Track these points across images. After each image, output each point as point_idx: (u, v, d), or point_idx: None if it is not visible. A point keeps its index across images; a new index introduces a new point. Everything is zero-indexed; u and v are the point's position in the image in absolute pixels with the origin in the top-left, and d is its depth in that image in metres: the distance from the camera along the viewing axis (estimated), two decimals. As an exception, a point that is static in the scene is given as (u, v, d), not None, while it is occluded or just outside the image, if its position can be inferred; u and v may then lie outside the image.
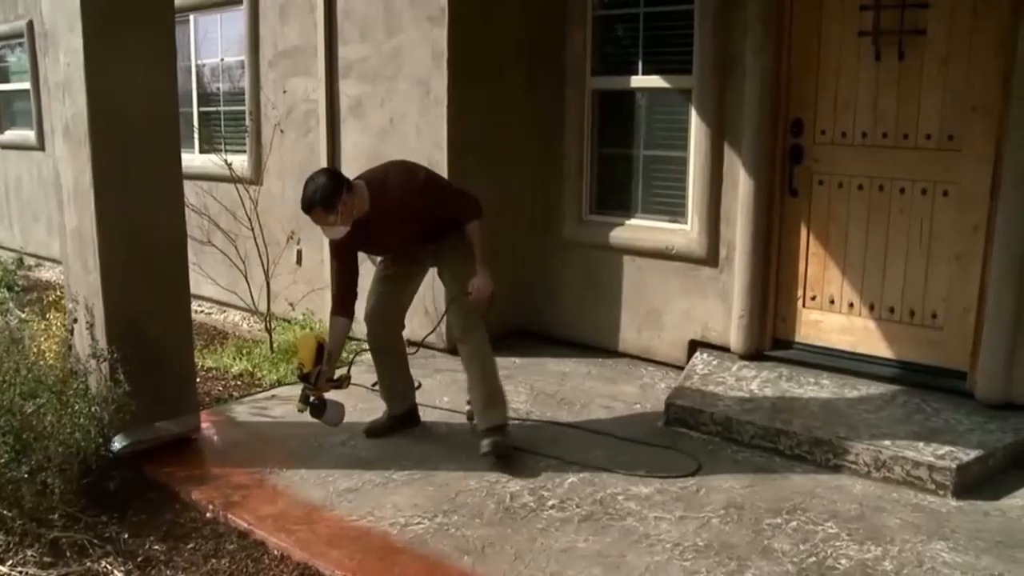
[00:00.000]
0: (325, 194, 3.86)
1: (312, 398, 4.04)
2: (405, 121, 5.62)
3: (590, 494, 3.73)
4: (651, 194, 5.51)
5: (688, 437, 4.36)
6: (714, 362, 5.00)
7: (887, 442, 3.95)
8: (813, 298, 4.99)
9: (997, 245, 4.31)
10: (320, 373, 4.03)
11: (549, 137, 5.75)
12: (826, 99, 4.84)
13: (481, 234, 4.13)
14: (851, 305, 4.87)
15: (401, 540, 3.38)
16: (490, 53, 5.55)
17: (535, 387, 4.96)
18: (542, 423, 4.49)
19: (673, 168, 5.35)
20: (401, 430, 4.42)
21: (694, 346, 5.26)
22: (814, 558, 3.24)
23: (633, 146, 5.54)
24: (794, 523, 3.50)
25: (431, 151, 5.46)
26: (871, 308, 4.81)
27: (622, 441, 4.25)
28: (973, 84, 4.41)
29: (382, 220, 4.02)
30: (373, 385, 4.51)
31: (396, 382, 4.46)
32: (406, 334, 5.70)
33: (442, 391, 4.91)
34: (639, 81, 5.44)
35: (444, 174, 5.36)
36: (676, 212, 5.37)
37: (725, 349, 5.14)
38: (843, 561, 3.22)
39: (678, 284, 5.31)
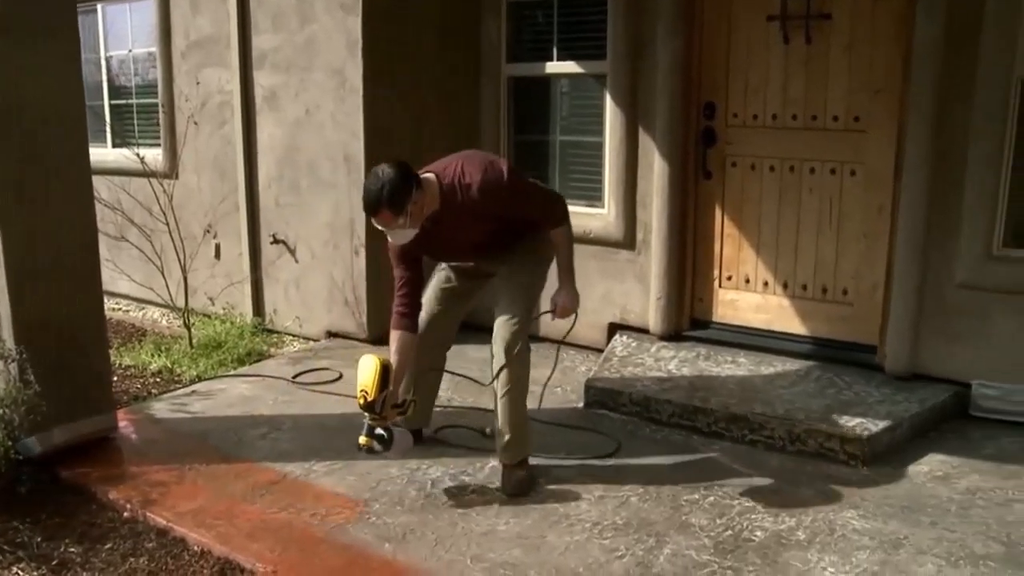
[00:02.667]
0: (394, 192, 3.24)
1: (378, 429, 3.50)
2: (321, 111, 5.58)
3: (511, 477, 3.76)
4: (568, 179, 5.54)
5: (608, 418, 4.42)
6: (633, 344, 5.06)
7: (801, 416, 4.06)
8: (729, 278, 5.09)
9: (901, 223, 4.45)
10: (386, 400, 3.49)
11: (466, 124, 5.74)
12: (737, 82, 4.92)
13: (570, 241, 3.69)
14: (766, 284, 4.98)
15: (322, 530, 3.37)
16: (405, 41, 5.52)
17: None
18: (464, 409, 4.50)
19: (589, 153, 5.40)
20: None
21: (614, 329, 5.32)
22: (730, 531, 3.32)
23: (550, 132, 5.58)
24: (711, 498, 3.57)
25: (347, 141, 5.43)
26: (785, 286, 4.92)
27: (543, 424, 4.28)
28: (876, 67, 4.53)
29: (453, 221, 3.47)
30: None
31: (425, 400, 4.01)
32: (324, 325, 5.72)
33: (364, 381, 4.89)
34: (554, 67, 5.47)
35: (361, 164, 5.36)
36: (593, 196, 5.41)
37: (644, 331, 5.20)
38: (758, 533, 3.31)
39: (597, 268, 5.36)
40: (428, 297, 3.82)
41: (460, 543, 3.25)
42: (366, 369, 3.49)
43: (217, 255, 6.31)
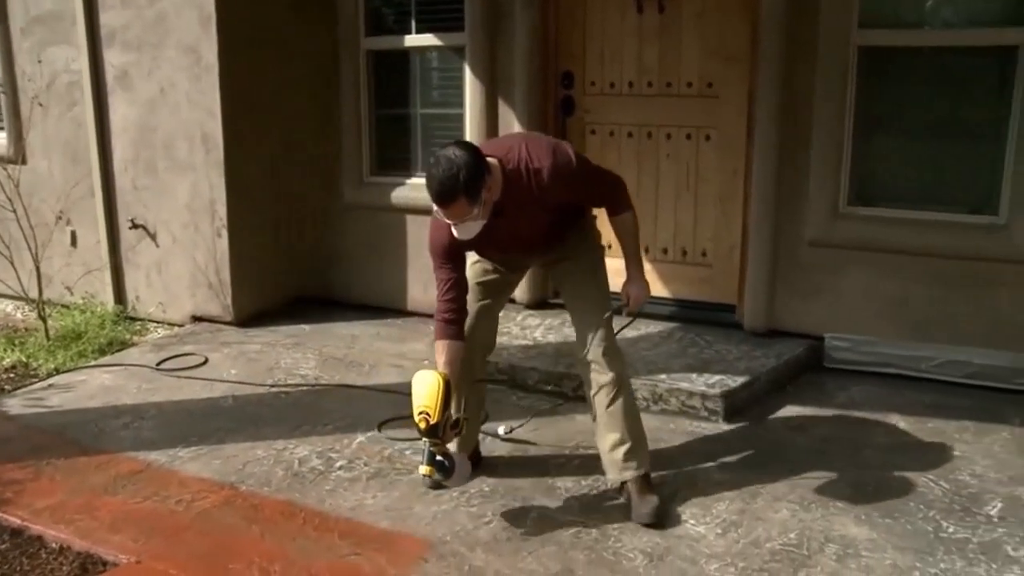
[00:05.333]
0: (470, 177, 2.85)
1: (438, 456, 3.02)
2: (176, 90, 5.41)
3: (378, 452, 3.76)
4: (430, 152, 5.48)
5: (475, 388, 4.45)
6: (501, 314, 5.08)
7: (663, 376, 4.17)
8: (593, 245, 5.16)
9: (754, 186, 4.61)
10: (448, 422, 3.03)
11: (327, 100, 5.67)
12: (594, 51, 4.99)
13: (637, 227, 3.35)
14: (628, 250, 5.08)
15: (187, 517, 3.31)
16: (262, 17, 5.38)
17: (324, 352, 4.94)
18: (331, 387, 4.47)
19: (451, 125, 5.40)
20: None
21: (482, 300, 5.35)
22: (595, 492, 3.40)
23: (410, 105, 5.56)
24: (577, 461, 3.64)
25: (204, 119, 5.29)
26: (646, 251, 5.01)
27: (409, 397, 4.29)
28: (727, 35, 4.67)
29: (515, 211, 3.08)
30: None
31: (473, 419, 3.48)
32: (189, 309, 5.58)
33: (229, 364, 4.81)
34: (413, 40, 5.44)
35: (219, 143, 5.25)
36: (456, 169, 5.40)
37: (511, 300, 5.19)
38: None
39: (462, 240, 5.36)
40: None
41: (328, 520, 3.24)
42: (427, 386, 2.99)
43: (73, 242, 6.07)
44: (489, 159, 2.99)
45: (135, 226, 5.76)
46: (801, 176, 4.52)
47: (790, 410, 4.13)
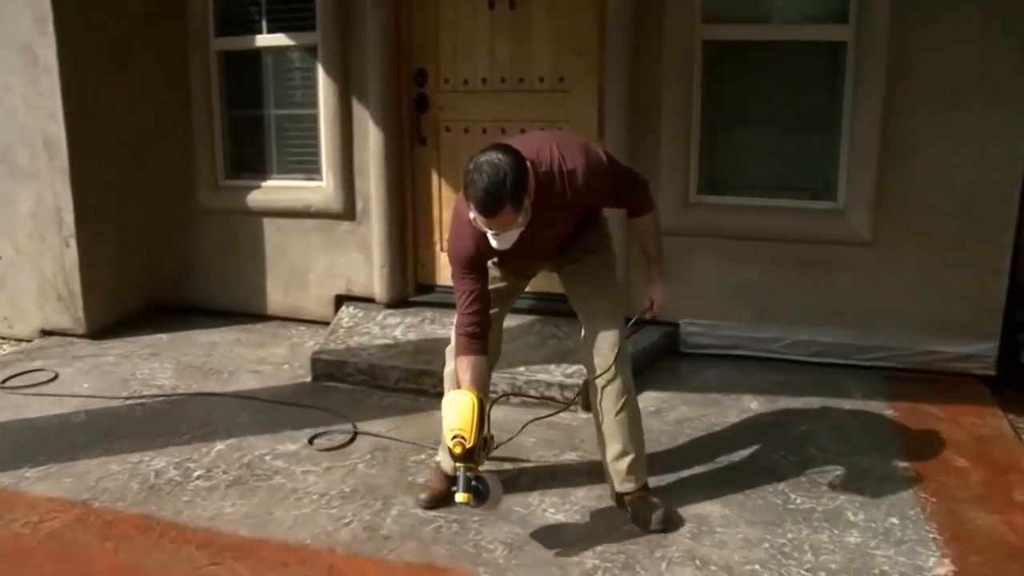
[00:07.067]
0: (517, 183, 2.65)
1: (474, 481, 2.85)
2: (12, 93, 5.17)
3: (237, 459, 3.69)
4: (286, 154, 5.47)
5: (336, 390, 4.42)
6: (360, 314, 5.08)
7: (522, 368, 4.23)
8: (452, 242, 5.19)
9: (607, 178, 4.69)
10: (483, 444, 2.86)
11: (178, 102, 5.51)
12: (447, 48, 5.01)
13: (660, 229, 3.23)
14: (488, 245, 5.12)
15: (35, 539, 3.16)
16: (106, 16, 5.19)
17: (182, 361, 4.81)
18: (189, 396, 4.37)
19: (305, 126, 5.34)
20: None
21: (341, 300, 5.31)
22: (455, 486, 3.40)
23: (264, 107, 5.46)
24: (438, 457, 3.65)
25: (45, 124, 5.07)
26: (505, 246, 5.08)
27: (269, 403, 4.24)
28: (576, 31, 4.75)
29: (544, 215, 2.86)
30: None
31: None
32: (37, 323, 5.37)
33: (81, 378, 4.63)
34: (264, 40, 5.35)
35: (63, 150, 5.06)
36: (311, 170, 5.37)
37: (371, 300, 5.23)
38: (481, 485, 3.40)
39: (319, 241, 5.33)
40: None
41: (186, 531, 3.16)
42: (461, 408, 2.80)
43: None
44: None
45: (-26, 238, 5.49)
46: (652, 167, 4.63)
47: (647, 395, 4.23)
